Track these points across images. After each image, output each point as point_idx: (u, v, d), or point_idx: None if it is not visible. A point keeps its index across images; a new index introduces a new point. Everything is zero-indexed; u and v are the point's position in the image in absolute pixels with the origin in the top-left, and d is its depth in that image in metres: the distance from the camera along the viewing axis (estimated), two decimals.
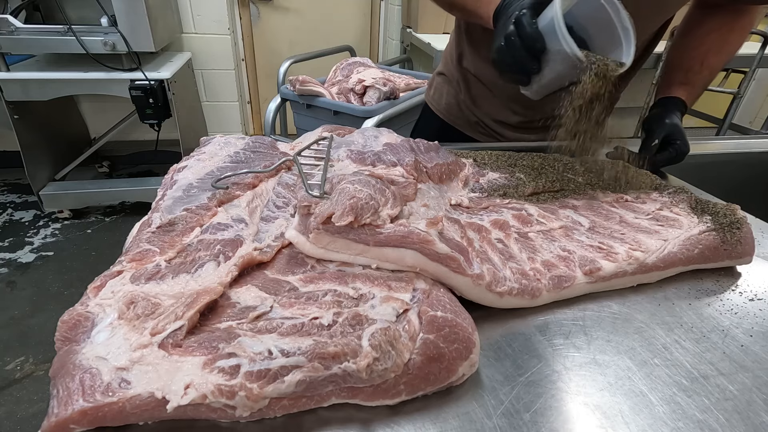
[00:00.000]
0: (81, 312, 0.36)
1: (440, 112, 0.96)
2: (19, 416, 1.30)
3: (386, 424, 0.33)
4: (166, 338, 0.33)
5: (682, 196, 0.57)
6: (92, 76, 1.85)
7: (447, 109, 0.95)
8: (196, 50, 2.42)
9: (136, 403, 0.30)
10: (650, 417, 0.34)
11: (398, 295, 0.39)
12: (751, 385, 0.38)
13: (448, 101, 0.94)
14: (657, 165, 0.73)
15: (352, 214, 0.42)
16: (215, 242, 0.44)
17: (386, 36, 2.84)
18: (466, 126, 0.94)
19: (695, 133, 3.52)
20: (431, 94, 0.99)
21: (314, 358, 0.32)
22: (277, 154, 0.64)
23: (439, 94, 0.97)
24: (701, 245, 0.49)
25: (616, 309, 0.45)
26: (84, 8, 1.82)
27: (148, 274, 0.40)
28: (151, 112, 1.90)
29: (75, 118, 2.46)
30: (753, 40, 2.74)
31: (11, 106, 1.88)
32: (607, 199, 0.57)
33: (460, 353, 0.35)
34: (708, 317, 0.45)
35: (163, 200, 0.51)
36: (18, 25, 1.73)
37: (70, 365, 0.32)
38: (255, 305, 0.38)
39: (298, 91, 1.70)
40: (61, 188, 2.15)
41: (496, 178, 0.62)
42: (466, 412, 0.34)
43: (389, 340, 0.34)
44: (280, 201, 0.54)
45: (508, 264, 0.45)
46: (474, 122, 0.92)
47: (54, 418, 0.29)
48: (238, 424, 0.33)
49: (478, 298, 0.42)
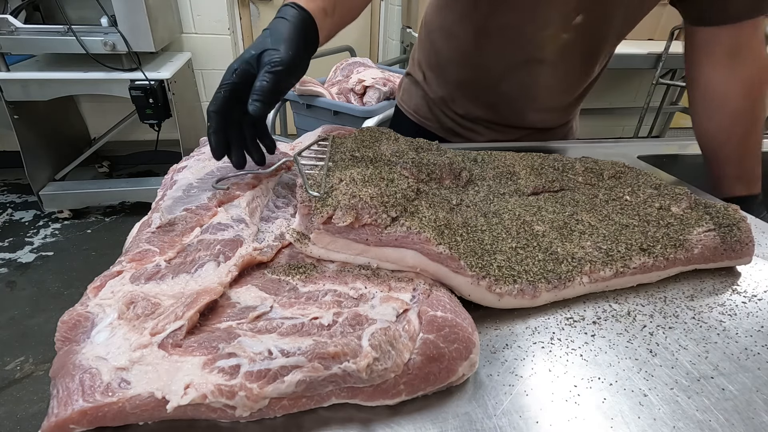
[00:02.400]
0: (81, 312, 0.36)
1: (410, 113, 0.96)
2: (19, 416, 1.30)
3: (386, 424, 0.33)
4: (166, 338, 0.33)
5: (682, 196, 0.57)
6: (92, 76, 1.86)
7: (416, 110, 0.95)
8: (196, 50, 2.42)
9: (136, 403, 0.30)
10: (650, 417, 0.34)
11: (398, 295, 0.39)
12: (751, 385, 0.38)
13: (417, 102, 0.95)
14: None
15: (353, 214, 0.42)
16: (215, 242, 0.44)
17: (386, 36, 2.84)
18: (438, 126, 0.94)
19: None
20: (401, 95, 1.00)
21: (314, 358, 0.32)
22: (278, 154, 0.64)
23: (408, 96, 0.97)
24: (701, 245, 0.49)
25: (616, 309, 0.46)
26: (84, 8, 1.82)
27: (148, 274, 0.40)
28: (151, 112, 1.90)
29: (75, 118, 2.47)
30: None
31: (11, 106, 1.88)
32: (607, 199, 0.57)
33: (460, 353, 0.35)
34: (708, 317, 0.45)
35: (163, 200, 0.51)
36: (18, 25, 1.73)
37: (70, 365, 0.32)
38: (255, 305, 0.38)
39: (298, 91, 1.70)
40: (61, 188, 2.15)
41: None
42: (466, 412, 0.34)
43: (389, 340, 0.34)
44: (280, 201, 0.54)
45: None
46: (444, 121, 0.92)
47: (54, 418, 0.29)
48: (238, 424, 0.33)
49: (478, 298, 0.42)
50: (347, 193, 0.43)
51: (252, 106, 0.47)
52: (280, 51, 0.48)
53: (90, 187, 2.21)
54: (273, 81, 0.47)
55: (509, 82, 0.82)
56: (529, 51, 0.77)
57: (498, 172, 0.63)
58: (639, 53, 2.39)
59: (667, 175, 0.77)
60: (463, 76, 0.86)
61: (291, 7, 0.52)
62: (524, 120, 0.89)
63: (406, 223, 0.42)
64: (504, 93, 0.84)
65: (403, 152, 0.58)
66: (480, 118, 0.90)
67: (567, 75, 0.83)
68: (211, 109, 0.49)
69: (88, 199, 2.20)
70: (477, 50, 0.81)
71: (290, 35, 0.50)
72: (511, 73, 0.81)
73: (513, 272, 0.43)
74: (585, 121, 0.63)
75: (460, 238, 0.44)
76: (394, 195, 0.44)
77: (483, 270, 0.42)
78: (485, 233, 0.47)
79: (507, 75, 0.81)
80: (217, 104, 0.49)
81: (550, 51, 0.77)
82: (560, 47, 0.76)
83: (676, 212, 0.53)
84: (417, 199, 0.47)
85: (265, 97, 0.47)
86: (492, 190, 0.59)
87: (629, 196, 0.58)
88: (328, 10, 0.55)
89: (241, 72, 0.49)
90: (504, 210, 0.53)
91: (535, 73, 0.80)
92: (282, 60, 0.48)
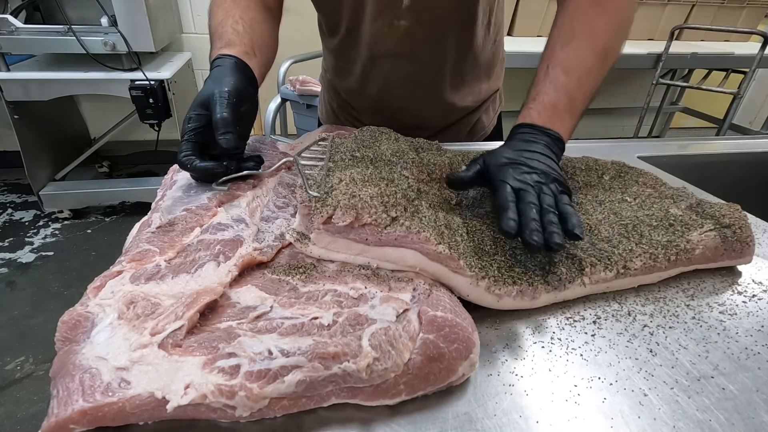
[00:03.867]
0: (81, 312, 0.36)
1: (324, 120, 0.98)
2: (19, 416, 1.30)
3: (386, 424, 0.33)
4: (166, 338, 0.33)
5: (682, 196, 0.57)
6: (92, 76, 1.85)
7: (327, 118, 0.96)
8: (196, 50, 2.42)
9: (136, 403, 0.30)
10: (650, 417, 0.34)
11: (398, 295, 0.39)
12: (752, 384, 0.38)
13: (326, 108, 0.96)
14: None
15: (353, 213, 0.42)
16: (215, 242, 0.44)
17: None
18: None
19: (695, 133, 3.53)
20: (319, 107, 1.02)
21: (314, 358, 0.32)
22: (278, 154, 0.64)
23: (321, 104, 0.99)
24: (701, 245, 0.49)
25: (616, 309, 0.45)
26: (84, 8, 1.82)
27: (148, 274, 0.40)
28: (151, 112, 1.90)
29: (75, 118, 2.46)
30: (753, 40, 2.75)
31: (11, 106, 1.88)
32: (607, 199, 0.57)
33: (460, 353, 0.35)
34: (708, 317, 0.45)
35: (163, 200, 0.51)
36: (18, 25, 1.73)
37: (70, 365, 0.32)
38: (255, 305, 0.38)
39: (298, 91, 1.70)
40: (61, 188, 2.15)
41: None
42: (466, 412, 0.34)
43: (389, 340, 0.34)
44: (280, 201, 0.54)
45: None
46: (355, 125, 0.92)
47: (54, 418, 0.29)
48: (238, 424, 0.33)
49: (477, 299, 0.42)
50: (347, 193, 0.43)
51: (222, 139, 0.50)
52: (227, 84, 0.53)
53: (90, 187, 2.21)
54: (229, 110, 0.51)
55: (371, 85, 0.80)
56: (371, 47, 0.74)
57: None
58: (639, 53, 2.39)
59: (667, 175, 0.77)
60: (341, 85, 0.86)
61: (220, 57, 0.58)
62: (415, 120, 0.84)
63: (406, 222, 0.42)
64: (375, 96, 0.81)
65: (403, 152, 0.58)
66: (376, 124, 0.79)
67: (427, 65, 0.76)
68: (182, 156, 0.52)
69: (88, 199, 2.20)
70: (337, 56, 0.81)
71: (230, 73, 0.56)
72: (367, 74, 0.78)
73: (512, 273, 0.43)
74: (585, 120, 0.62)
75: (460, 239, 0.44)
76: (394, 195, 0.44)
77: (482, 270, 0.42)
78: (485, 234, 0.47)
79: (366, 76, 0.79)
80: (187, 149, 0.52)
81: (398, 42, 0.72)
82: (404, 35, 0.71)
83: (677, 212, 0.53)
84: (417, 199, 0.47)
85: (230, 128, 0.51)
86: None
87: (629, 197, 0.57)
88: (250, 52, 0.61)
89: (196, 117, 0.52)
90: None
91: (403, 68, 0.76)
92: (230, 91, 0.53)
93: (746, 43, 2.80)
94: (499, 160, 0.51)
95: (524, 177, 0.48)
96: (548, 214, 0.44)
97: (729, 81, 2.48)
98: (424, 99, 0.82)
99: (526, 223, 0.43)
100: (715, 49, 2.51)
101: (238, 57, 0.58)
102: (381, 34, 0.72)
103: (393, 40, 0.72)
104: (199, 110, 0.53)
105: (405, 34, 0.71)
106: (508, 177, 0.48)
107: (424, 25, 0.71)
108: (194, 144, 0.52)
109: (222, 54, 0.58)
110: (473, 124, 0.92)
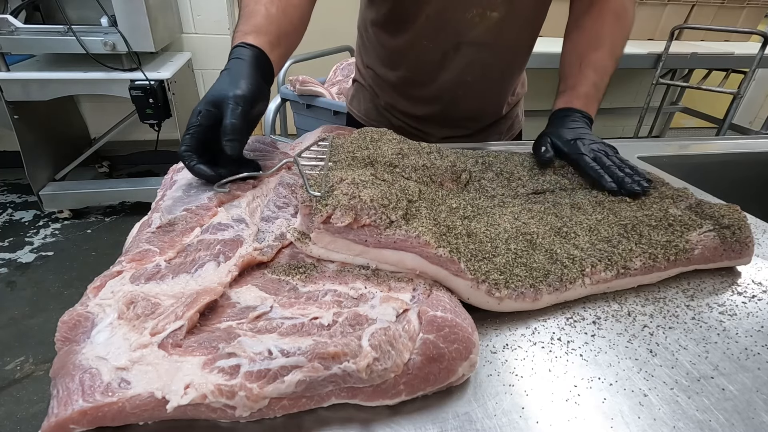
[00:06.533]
0: (81, 312, 0.36)
1: (361, 118, 0.97)
2: (19, 416, 1.30)
3: (386, 424, 0.33)
4: (166, 338, 0.33)
5: (682, 197, 0.57)
6: (92, 76, 1.85)
7: (367, 114, 0.95)
8: (196, 50, 2.42)
9: (136, 403, 0.30)
10: (650, 417, 0.34)
11: (398, 295, 0.39)
12: (751, 385, 0.38)
13: (366, 106, 0.95)
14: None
15: (352, 214, 0.42)
16: (215, 242, 0.44)
17: None
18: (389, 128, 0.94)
19: (695, 133, 3.53)
20: (350, 102, 1.00)
21: (314, 358, 0.32)
22: (278, 154, 0.64)
23: (357, 101, 0.97)
24: (700, 245, 0.49)
25: (616, 309, 0.46)
26: (84, 8, 1.82)
27: (148, 274, 0.40)
28: (151, 112, 1.90)
29: (75, 118, 2.46)
30: (753, 40, 2.75)
31: (11, 106, 1.88)
32: (607, 199, 0.57)
33: (459, 353, 0.35)
34: (708, 317, 0.45)
35: (163, 200, 0.51)
36: (18, 25, 1.73)
37: (70, 365, 0.32)
38: (255, 305, 0.38)
39: (298, 91, 1.70)
40: (61, 188, 2.15)
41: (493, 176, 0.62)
42: (466, 412, 0.34)
43: (389, 340, 0.34)
44: (280, 201, 0.54)
45: None
46: (394, 122, 0.92)
47: (54, 418, 0.29)
48: (238, 424, 0.33)
49: (478, 301, 0.42)
50: (347, 194, 0.43)
51: (228, 146, 0.50)
52: (242, 88, 0.52)
53: (90, 187, 2.21)
54: (241, 118, 0.51)
55: (447, 72, 0.81)
56: (459, 35, 0.75)
57: (498, 174, 0.63)
58: (639, 53, 2.39)
59: (667, 175, 0.77)
60: (400, 76, 0.85)
61: (242, 47, 0.57)
62: (470, 111, 0.87)
63: (405, 225, 0.42)
64: (443, 85, 0.82)
65: (404, 154, 0.58)
66: (427, 116, 0.88)
67: (504, 54, 0.81)
68: (183, 150, 0.52)
69: (88, 199, 2.20)
70: (408, 45, 0.80)
71: (248, 72, 0.54)
72: (447, 62, 0.79)
73: (513, 275, 0.43)
74: None
75: (461, 241, 0.44)
76: (394, 197, 0.44)
77: (483, 273, 0.42)
78: (485, 236, 0.47)
79: (444, 64, 0.80)
80: (189, 144, 0.52)
81: (486, 30, 0.75)
82: (495, 25, 0.74)
83: (676, 213, 0.53)
84: (417, 202, 0.47)
85: (237, 135, 0.50)
86: (492, 193, 0.59)
87: (629, 197, 0.58)
88: (274, 42, 0.60)
89: (206, 114, 0.51)
90: (504, 212, 0.52)
91: (485, 56, 0.79)
92: (245, 96, 0.52)
93: (746, 43, 2.80)
94: (565, 137, 0.66)
95: (592, 146, 0.63)
96: (625, 168, 0.60)
97: (729, 81, 2.49)
98: (490, 88, 0.86)
99: (620, 181, 0.58)
100: (715, 49, 2.51)
101: (261, 49, 0.57)
102: (471, 23, 0.74)
103: (483, 28, 0.75)
104: (210, 107, 0.51)
105: (496, 24, 0.75)
106: (583, 149, 0.63)
107: (515, 15, 0.75)
108: (197, 140, 0.52)
109: (245, 43, 0.57)
110: (513, 120, 0.96)
